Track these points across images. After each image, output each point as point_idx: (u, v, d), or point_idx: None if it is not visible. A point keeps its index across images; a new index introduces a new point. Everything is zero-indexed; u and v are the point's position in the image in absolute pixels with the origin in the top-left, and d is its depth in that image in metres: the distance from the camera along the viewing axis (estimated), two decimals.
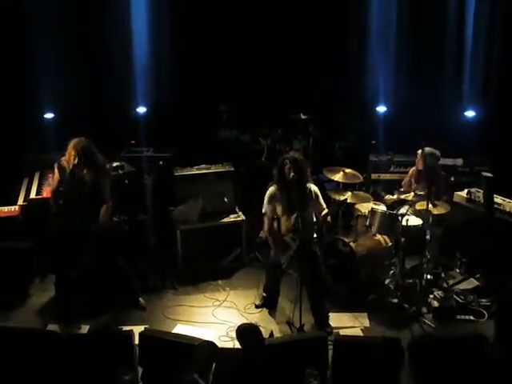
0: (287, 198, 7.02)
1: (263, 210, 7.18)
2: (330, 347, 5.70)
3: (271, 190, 7.14)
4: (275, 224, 7.14)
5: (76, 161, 6.78)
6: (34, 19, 9.51)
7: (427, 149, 7.81)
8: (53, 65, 9.62)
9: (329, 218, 7.20)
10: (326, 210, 7.13)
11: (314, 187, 7.19)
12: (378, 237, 7.93)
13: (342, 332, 6.98)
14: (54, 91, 9.71)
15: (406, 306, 7.44)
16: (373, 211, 7.81)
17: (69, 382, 5.35)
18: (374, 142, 9.99)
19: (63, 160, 6.90)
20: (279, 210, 7.09)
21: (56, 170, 6.96)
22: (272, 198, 7.11)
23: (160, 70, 10.34)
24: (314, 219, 7.18)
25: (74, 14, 9.71)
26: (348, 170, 7.99)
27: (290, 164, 6.92)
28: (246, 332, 5.11)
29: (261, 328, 6.85)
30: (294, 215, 6.93)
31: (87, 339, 6.16)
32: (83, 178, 6.83)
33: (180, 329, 7.05)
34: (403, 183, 8.37)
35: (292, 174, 6.87)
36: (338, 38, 10.34)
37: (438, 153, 8.04)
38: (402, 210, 7.68)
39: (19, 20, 9.50)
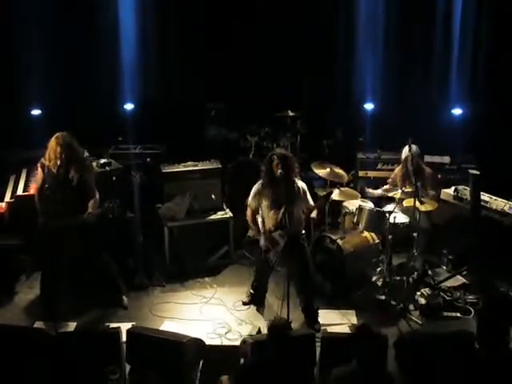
0: (274, 193, 7.02)
1: (247, 202, 7.24)
2: (318, 344, 5.72)
3: (258, 184, 7.18)
4: (259, 218, 7.19)
5: (63, 157, 6.77)
6: (20, 15, 9.47)
7: (414, 148, 7.81)
8: (40, 61, 9.60)
9: (314, 214, 7.22)
10: (312, 205, 7.16)
11: (301, 184, 7.19)
12: (366, 234, 7.95)
13: (330, 329, 6.98)
14: (42, 87, 9.68)
15: (393, 302, 7.45)
16: (360, 208, 7.83)
17: (56, 380, 5.33)
18: (361, 139, 10.00)
19: (45, 158, 6.89)
20: (265, 205, 7.10)
21: (39, 170, 6.94)
22: (258, 193, 7.15)
23: (148, 66, 10.33)
24: (302, 215, 7.19)
25: (62, 10, 9.65)
26: (335, 169, 8.01)
27: (278, 160, 6.93)
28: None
29: (248, 325, 6.93)
30: (281, 210, 6.93)
31: (74, 336, 6.15)
32: (68, 174, 6.81)
33: (167, 326, 7.03)
34: (389, 181, 8.37)
35: (280, 170, 6.88)
36: (325, 35, 10.33)
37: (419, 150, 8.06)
38: (390, 208, 7.70)
39: (5, 16, 9.46)
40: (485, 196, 7.93)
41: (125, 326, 6.05)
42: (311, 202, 7.21)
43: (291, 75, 10.46)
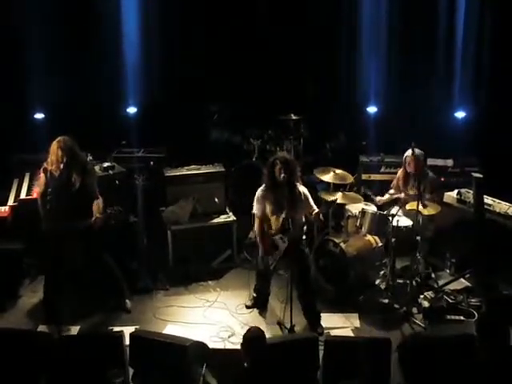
0: (276, 198, 7.01)
1: (253, 211, 7.21)
2: (321, 348, 5.71)
3: (260, 190, 7.16)
4: (265, 225, 7.15)
5: (65, 161, 6.78)
6: (22, 19, 9.50)
7: (417, 151, 7.82)
8: (43, 65, 9.62)
9: (321, 217, 7.21)
10: (316, 210, 7.14)
11: (303, 188, 7.18)
12: (369, 237, 7.95)
13: (333, 332, 6.98)
14: (45, 91, 9.71)
15: (397, 306, 7.45)
16: (363, 212, 7.83)
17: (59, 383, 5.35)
18: (364, 142, 10.00)
19: (47, 163, 6.90)
20: (268, 209, 7.09)
21: (42, 175, 6.95)
22: (261, 198, 7.12)
23: (151, 69, 10.35)
24: (304, 220, 7.18)
25: (64, 13, 9.68)
26: (338, 171, 8.02)
27: (281, 165, 6.92)
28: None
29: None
30: (283, 215, 6.93)
31: (78, 340, 6.16)
32: (70, 178, 6.82)
33: (171, 329, 7.05)
34: (392, 185, 8.37)
35: (283, 174, 6.88)
36: (329, 38, 10.34)
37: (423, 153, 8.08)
38: (393, 211, 7.69)
39: (7, 20, 9.48)
40: (488, 199, 7.92)
41: (128, 330, 6.08)
42: (314, 207, 7.16)
43: (294, 78, 10.47)
